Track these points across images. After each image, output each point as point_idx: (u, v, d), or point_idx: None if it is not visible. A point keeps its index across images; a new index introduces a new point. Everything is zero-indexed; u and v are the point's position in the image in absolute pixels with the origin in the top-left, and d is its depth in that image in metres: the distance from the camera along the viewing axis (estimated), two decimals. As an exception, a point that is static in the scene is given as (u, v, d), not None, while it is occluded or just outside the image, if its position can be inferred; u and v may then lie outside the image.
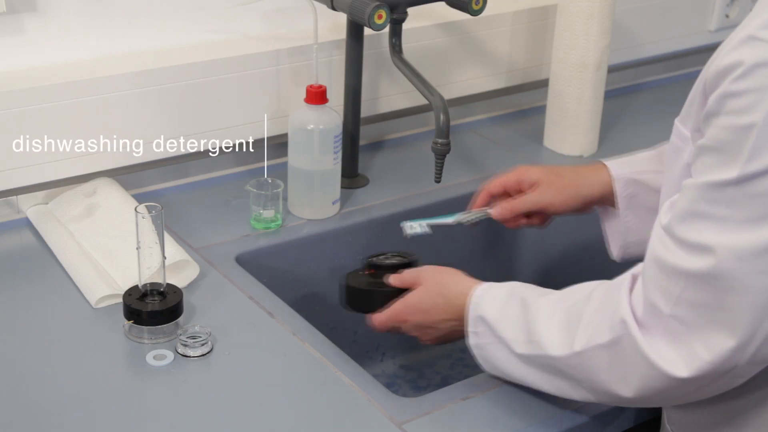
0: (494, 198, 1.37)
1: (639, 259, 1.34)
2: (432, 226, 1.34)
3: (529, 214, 1.37)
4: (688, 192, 0.92)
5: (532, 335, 1.07)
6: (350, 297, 1.30)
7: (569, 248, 1.54)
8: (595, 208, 1.35)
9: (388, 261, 1.28)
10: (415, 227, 1.34)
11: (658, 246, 0.96)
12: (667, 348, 0.95)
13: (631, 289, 1.00)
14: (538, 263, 1.72)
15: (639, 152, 1.35)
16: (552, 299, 1.09)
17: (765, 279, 0.88)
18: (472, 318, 1.14)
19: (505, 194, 1.37)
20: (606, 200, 1.33)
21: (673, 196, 0.98)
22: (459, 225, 1.35)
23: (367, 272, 1.29)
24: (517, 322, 1.09)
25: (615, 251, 1.35)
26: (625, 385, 0.99)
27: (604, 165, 1.33)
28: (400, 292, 1.23)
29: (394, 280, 1.25)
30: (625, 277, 1.02)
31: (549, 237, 1.65)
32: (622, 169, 1.31)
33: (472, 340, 1.14)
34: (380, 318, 1.24)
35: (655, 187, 1.29)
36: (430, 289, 1.21)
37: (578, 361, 1.02)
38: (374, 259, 1.30)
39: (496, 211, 1.35)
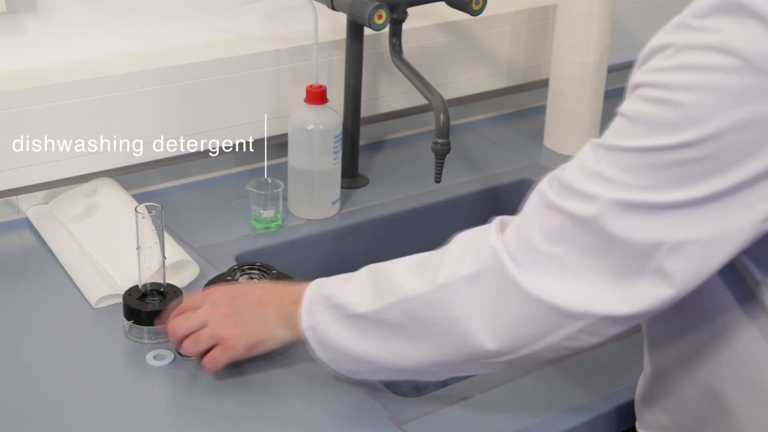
0: None
1: None
2: None
3: None
4: (592, 148, 0.94)
5: (383, 287, 1.04)
6: None
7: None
8: None
9: (248, 282, 1.24)
10: None
11: (545, 187, 0.96)
12: (536, 276, 0.95)
13: (501, 231, 0.99)
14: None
15: None
16: (403, 258, 1.07)
17: (645, 235, 0.90)
18: (309, 299, 1.08)
19: None
20: None
21: None
22: None
23: None
24: (363, 285, 1.06)
25: None
26: (487, 320, 0.97)
27: None
28: None
29: (177, 324, 1.15)
30: (491, 223, 1.01)
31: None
32: None
33: (305, 322, 1.08)
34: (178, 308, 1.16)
35: None
36: (248, 283, 1.20)
37: (441, 296, 0.99)
38: (235, 277, 1.24)
39: None
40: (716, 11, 0.86)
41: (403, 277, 1.03)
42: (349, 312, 1.06)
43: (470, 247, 0.99)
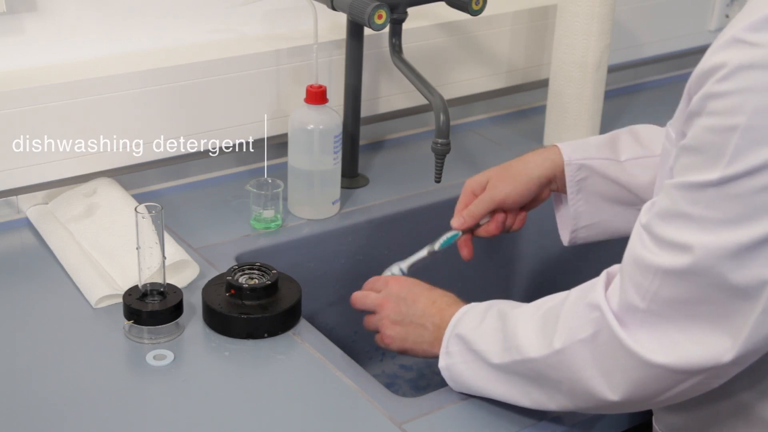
0: None
1: (587, 244, 1.35)
2: (409, 268, 1.33)
3: (501, 219, 1.35)
4: (668, 191, 0.92)
5: (509, 342, 1.06)
6: (208, 316, 1.24)
7: (567, 252, 1.55)
8: (550, 194, 1.36)
9: (249, 282, 1.24)
10: (395, 271, 1.32)
11: (637, 243, 0.95)
12: (645, 336, 0.94)
13: (607, 286, 0.99)
14: (537, 268, 1.72)
15: (593, 137, 1.35)
16: (529, 307, 1.09)
17: (746, 276, 0.88)
18: (448, 337, 1.13)
19: None
20: (558, 180, 1.33)
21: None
22: (433, 255, 1.34)
23: (228, 293, 1.24)
24: (494, 333, 1.09)
25: (565, 237, 1.36)
26: (606, 381, 0.98)
27: (557, 147, 1.33)
28: (262, 317, 1.20)
29: (358, 297, 1.26)
30: (600, 277, 1.01)
31: (547, 241, 1.65)
32: (574, 153, 1.31)
33: (443, 361, 1.13)
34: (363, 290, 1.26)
35: (604, 173, 1.30)
36: (423, 286, 1.22)
37: (558, 359, 1.01)
38: (235, 278, 1.25)
39: (456, 222, 1.33)
40: None
41: (525, 336, 1.05)
42: (483, 359, 1.09)
43: (580, 306, 1.00)
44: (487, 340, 1.09)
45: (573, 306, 1.01)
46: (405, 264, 1.33)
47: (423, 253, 1.34)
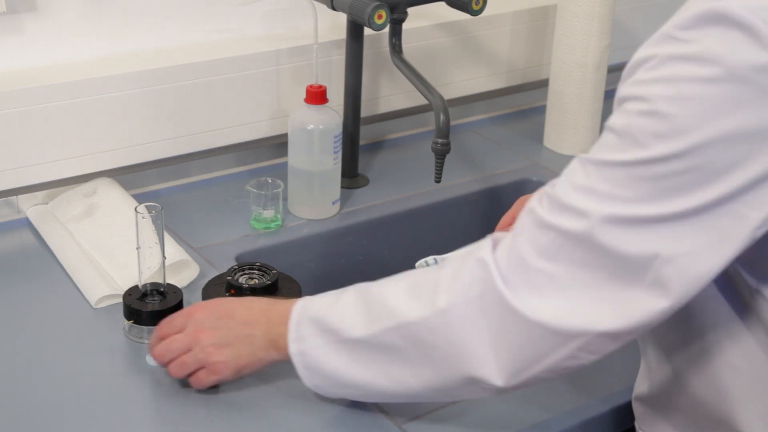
0: None
1: None
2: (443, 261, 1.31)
3: None
4: (578, 165, 0.94)
5: (377, 311, 1.01)
6: None
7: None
8: None
9: (249, 282, 1.23)
10: (430, 262, 1.31)
11: (536, 205, 0.96)
12: (528, 295, 0.94)
13: (494, 250, 0.98)
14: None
15: None
16: (392, 277, 1.05)
17: (638, 248, 0.89)
18: (297, 323, 1.06)
19: None
20: None
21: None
22: None
23: (228, 293, 1.23)
24: (356, 307, 1.03)
25: None
26: (488, 345, 0.96)
27: None
28: None
29: (163, 347, 1.12)
30: (484, 241, 1.00)
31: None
32: None
33: (294, 347, 1.05)
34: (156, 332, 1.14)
35: None
36: (230, 299, 1.16)
37: (443, 320, 0.97)
38: (235, 278, 1.24)
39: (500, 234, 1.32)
40: (700, 22, 0.85)
41: (399, 300, 1.01)
42: (342, 337, 1.03)
43: (465, 267, 0.98)
44: (349, 315, 1.03)
45: (458, 266, 0.99)
46: (441, 257, 1.31)
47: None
